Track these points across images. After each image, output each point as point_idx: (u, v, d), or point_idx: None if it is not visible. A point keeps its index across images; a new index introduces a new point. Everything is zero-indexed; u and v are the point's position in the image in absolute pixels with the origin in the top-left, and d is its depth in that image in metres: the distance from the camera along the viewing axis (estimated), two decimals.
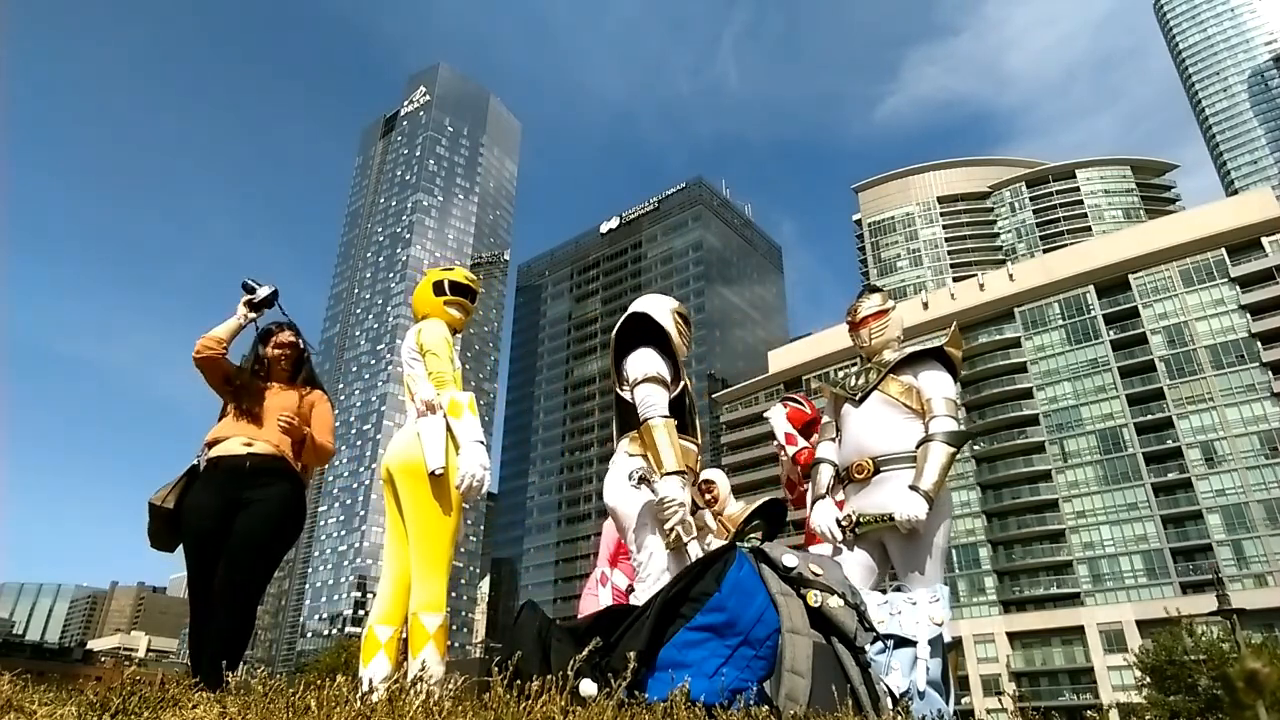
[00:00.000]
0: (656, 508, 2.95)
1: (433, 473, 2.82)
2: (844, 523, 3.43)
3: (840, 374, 3.87)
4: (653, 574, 3.01)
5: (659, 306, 3.47)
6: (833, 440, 3.74)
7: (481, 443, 2.91)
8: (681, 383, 3.30)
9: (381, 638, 2.78)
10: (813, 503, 3.64)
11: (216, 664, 2.76)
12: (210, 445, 3.23)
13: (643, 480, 3.03)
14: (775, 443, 4.65)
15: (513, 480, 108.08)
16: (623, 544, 3.64)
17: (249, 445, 3.18)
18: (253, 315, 3.31)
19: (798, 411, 4.61)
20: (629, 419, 3.22)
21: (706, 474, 4.13)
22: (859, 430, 3.51)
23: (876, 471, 3.37)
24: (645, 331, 3.34)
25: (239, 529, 3.06)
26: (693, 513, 3.20)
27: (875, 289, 3.88)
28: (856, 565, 3.33)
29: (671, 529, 2.92)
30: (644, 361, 3.20)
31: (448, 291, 3.33)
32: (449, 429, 2.93)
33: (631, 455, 3.18)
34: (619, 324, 3.38)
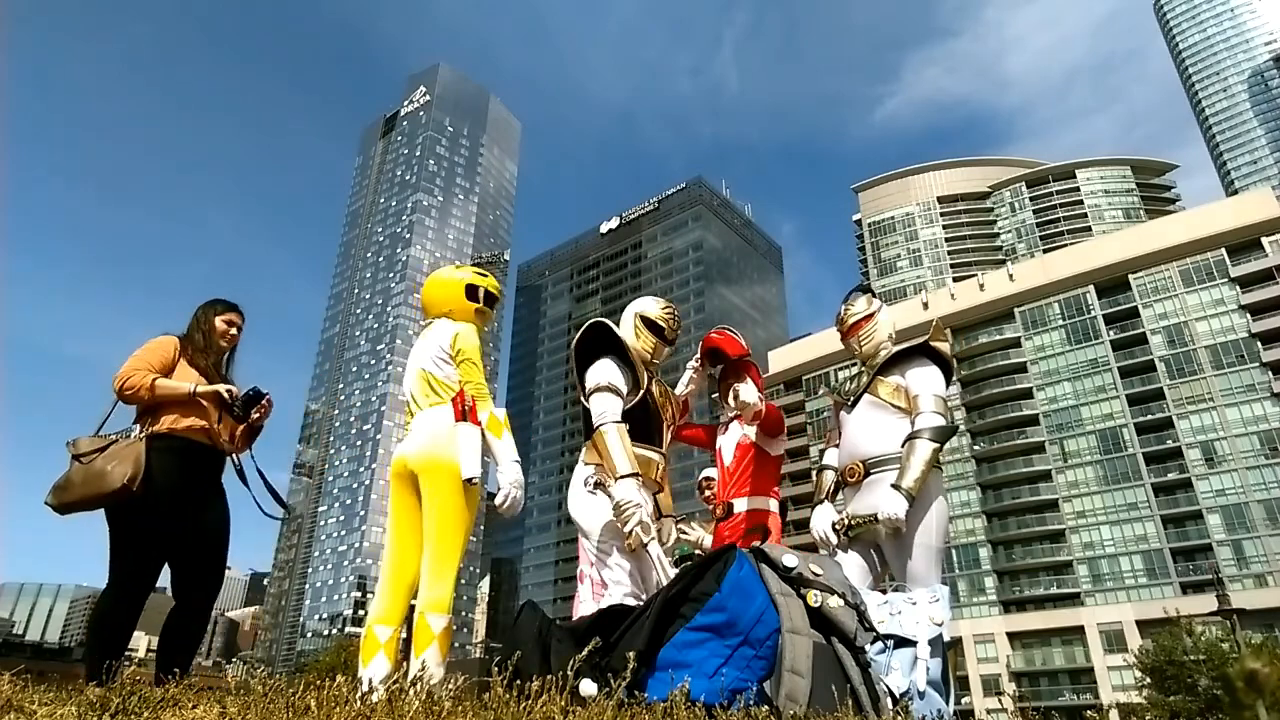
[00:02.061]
0: (614, 511, 2.96)
1: (468, 480, 2.80)
2: (838, 526, 3.49)
3: (840, 377, 3.92)
4: (611, 580, 3.04)
5: (628, 313, 3.52)
6: (837, 446, 3.77)
7: (518, 462, 2.91)
8: (641, 392, 3.28)
9: (381, 638, 2.74)
10: (814, 507, 3.70)
11: (189, 663, 2.86)
12: (152, 417, 2.88)
13: (598, 485, 3.05)
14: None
15: None
16: None
17: (211, 437, 2.97)
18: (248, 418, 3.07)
19: (731, 341, 3.91)
20: (590, 428, 3.23)
21: (708, 471, 4.13)
22: (852, 434, 3.56)
23: (867, 474, 3.42)
24: (608, 341, 3.34)
25: (214, 527, 2.94)
26: (657, 519, 3.24)
27: (865, 289, 3.85)
28: (853, 567, 3.35)
29: (630, 530, 2.91)
30: (599, 371, 3.23)
31: (481, 300, 3.24)
32: (485, 443, 2.91)
33: (587, 464, 3.18)
34: (578, 335, 3.35)
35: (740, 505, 3.73)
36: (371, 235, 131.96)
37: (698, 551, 4.66)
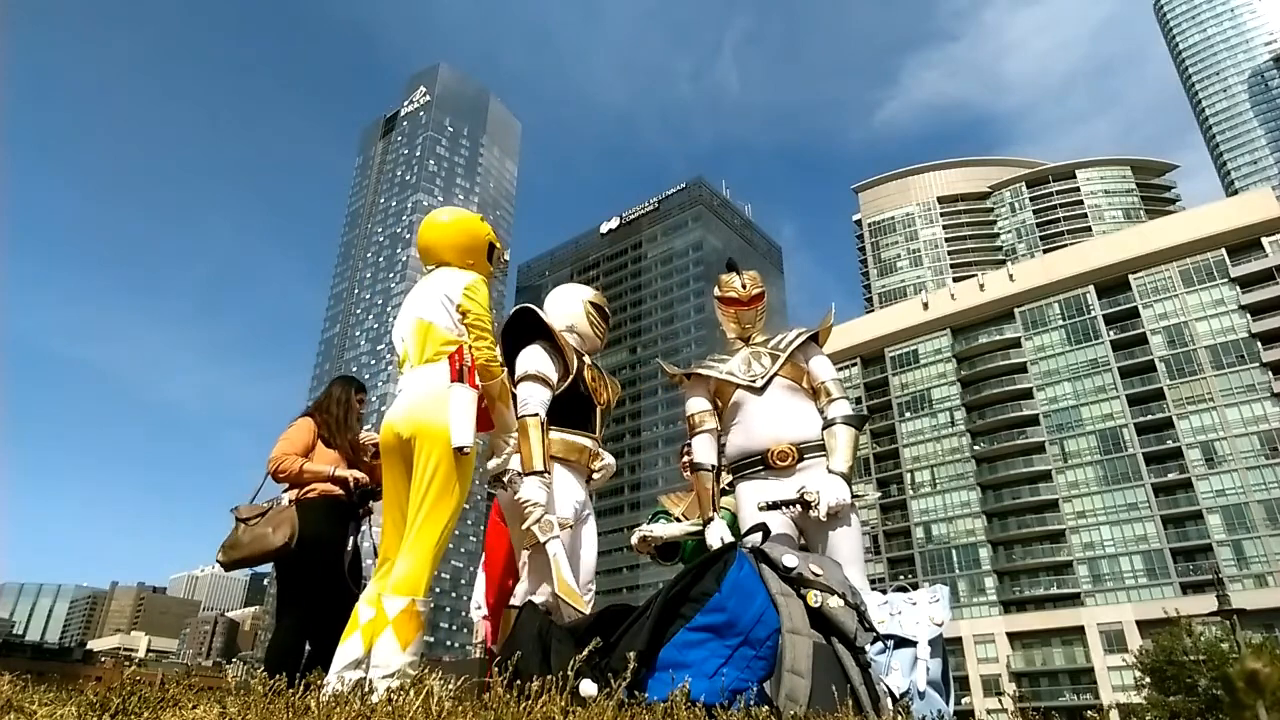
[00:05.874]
0: (518, 507, 2.88)
1: (458, 449, 2.55)
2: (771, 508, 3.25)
3: (716, 362, 3.57)
4: (524, 573, 3.08)
5: (560, 299, 3.53)
6: (711, 433, 3.51)
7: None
8: (571, 377, 3.17)
9: (362, 618, 2.52)
10: (707, 522, 3.39)
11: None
12: (299, 486, 3.44)
13: (510, 482, 2.94)
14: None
15: None
16: None
17: (349, 495, 3.51)
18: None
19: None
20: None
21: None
22: (771, 417, 3.36)
23: (800, 459, 3.28)
24: (535, 327, 3.26)
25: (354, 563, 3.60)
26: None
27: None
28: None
29: (527, 528, 2.84)
30: (527, 358, 3.14)
31: (494, 261, 3.11)
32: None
33: (515, 454, 3.07)
34: (505, 321, 3.29)
35: None
36: (371, 235, 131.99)
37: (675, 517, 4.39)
